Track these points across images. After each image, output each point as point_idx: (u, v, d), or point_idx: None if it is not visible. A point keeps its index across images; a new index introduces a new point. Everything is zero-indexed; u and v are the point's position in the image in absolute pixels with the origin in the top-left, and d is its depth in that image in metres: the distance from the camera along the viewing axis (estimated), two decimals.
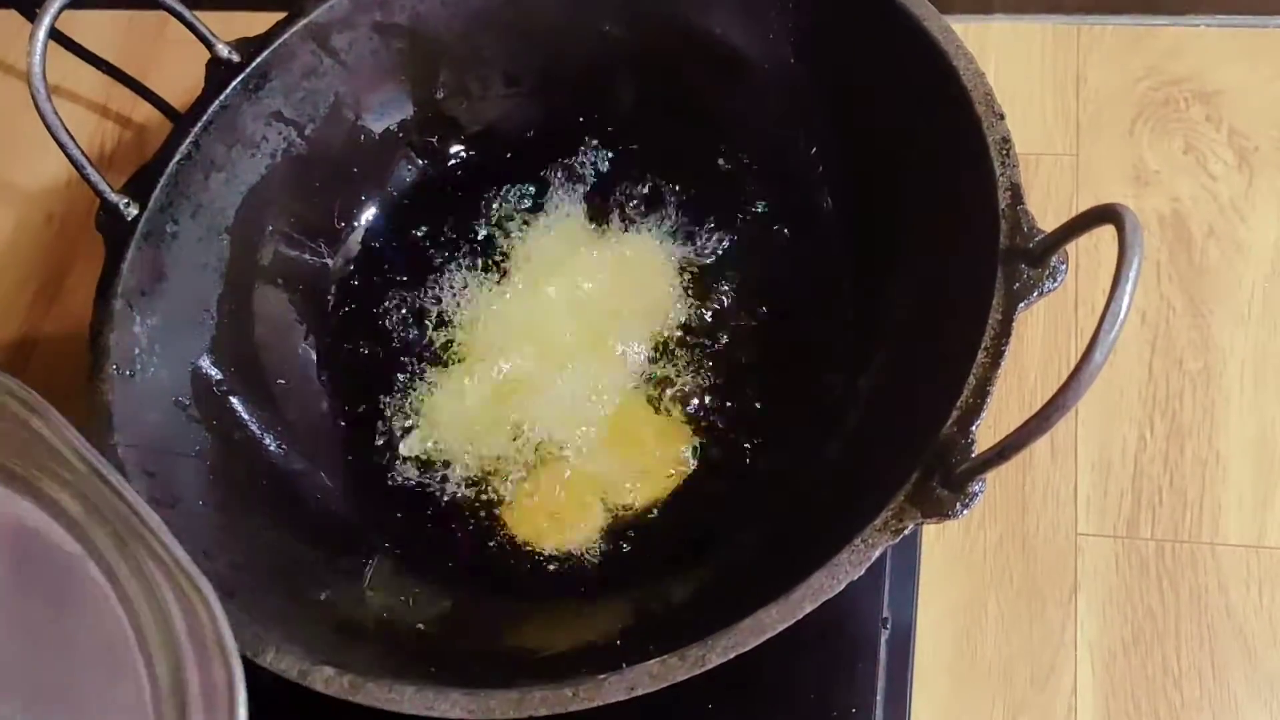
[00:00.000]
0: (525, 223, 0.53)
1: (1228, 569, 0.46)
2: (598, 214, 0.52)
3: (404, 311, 0.52)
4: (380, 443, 0.49)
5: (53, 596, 0.34)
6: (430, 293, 0.52)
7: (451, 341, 0.50)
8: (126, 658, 0.32)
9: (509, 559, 0.45)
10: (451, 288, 0.52)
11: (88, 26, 0.66)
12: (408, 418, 0.49)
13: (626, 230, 0.51)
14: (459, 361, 0.50)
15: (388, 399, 0.50)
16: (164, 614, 0.32)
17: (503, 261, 0.52)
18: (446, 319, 0.51)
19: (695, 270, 0.50)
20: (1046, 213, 0.55)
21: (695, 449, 0.46)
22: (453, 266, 0.52)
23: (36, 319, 0.61)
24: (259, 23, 0.50)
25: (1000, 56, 0.58)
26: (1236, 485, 0.47)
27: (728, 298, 0.49)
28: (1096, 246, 0.53)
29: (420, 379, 0.50)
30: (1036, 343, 0.52)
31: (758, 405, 0.47)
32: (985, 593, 0.47)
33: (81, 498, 0.34)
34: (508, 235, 0.53)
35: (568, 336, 0.49)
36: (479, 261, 0.52)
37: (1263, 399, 0.49)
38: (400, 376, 0.50)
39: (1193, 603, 0.46)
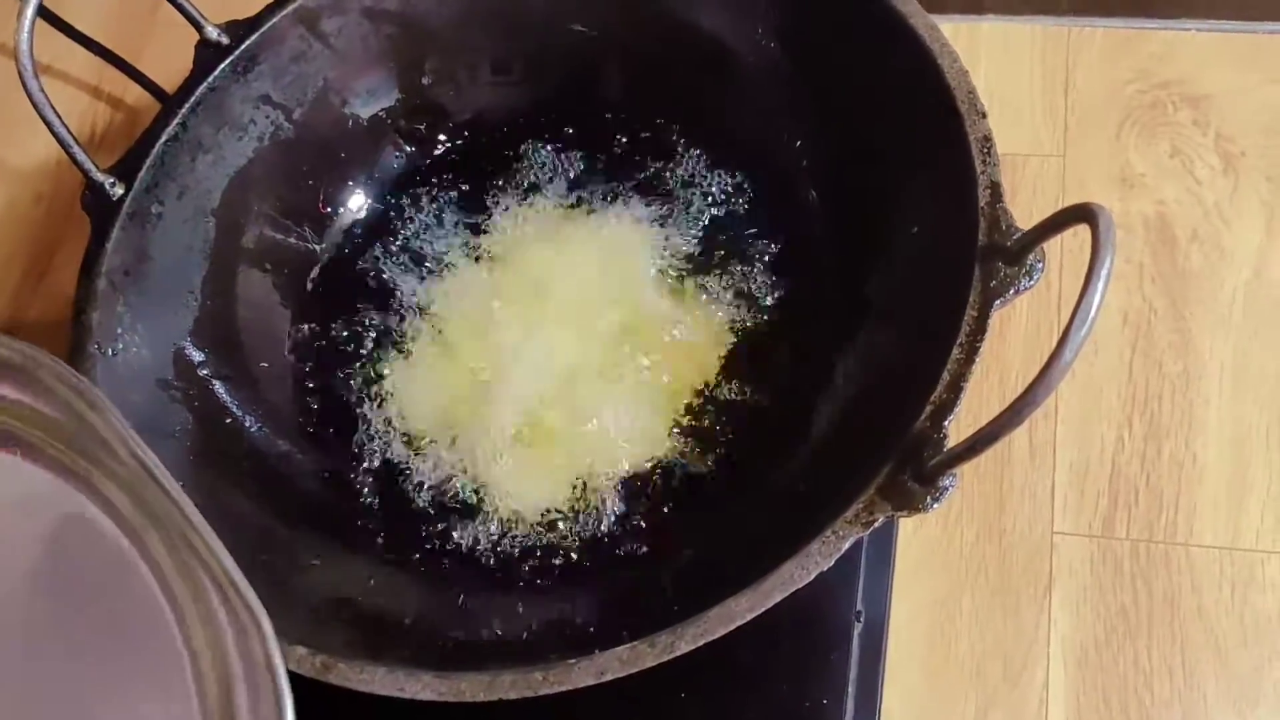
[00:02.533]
0: (510, 210, 0.53)
1: (1201, 570, 0.46)
2: (581, 202, 0.52)
3: (387, 296, 0.52)
4: (361, 426, 0.49)
5: (102, 592, 0.33)
6: (414, 278, 0.52)
7: (434, 326, 0.51)
8: (176, 673, 0.30)
9: (488, 541, 0.45)
10: (435, 273, 0.52)
11: (81, 7, 0.66)
12: (388, 401, 0.49)
13: (609, 219, 0.52)
14: (441, 346, 0.50)
15: (369, 382, 0.50)
16: (215, 629, 0.30)
17: (486, 248, 0.52)
18: (429, 304, 0.51)
19: (676, 260, 0.50)
20: (1032, 213, 0.54)
21: (671, 434, 0.46)
22: (438, 253, 0.52)
23: (24, 297, 0.61)
24: (249, 5, 0.50)
25: (990, 57, 0.58)
26: (1212, 487, 0.48)
27: (707, 287, 0.49)
28: (1081, 247, 0.53)
29: (402, 362, 0.50)
30: (1019, 341, 0.52)
31: (733, 394, 0.47)
32: (960, 588, 0.47)
33: (133, 495, 0.33)
34: (491, 222, 0.53)
35: (549, 321, 0.49)
36: (462, 248, 0.52)
37: (1241, 403, 0.49)
38: (382, 360, 0.50)
39: (1165, 603, 0.46)
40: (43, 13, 0.43)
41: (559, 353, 0.48)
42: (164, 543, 0.32)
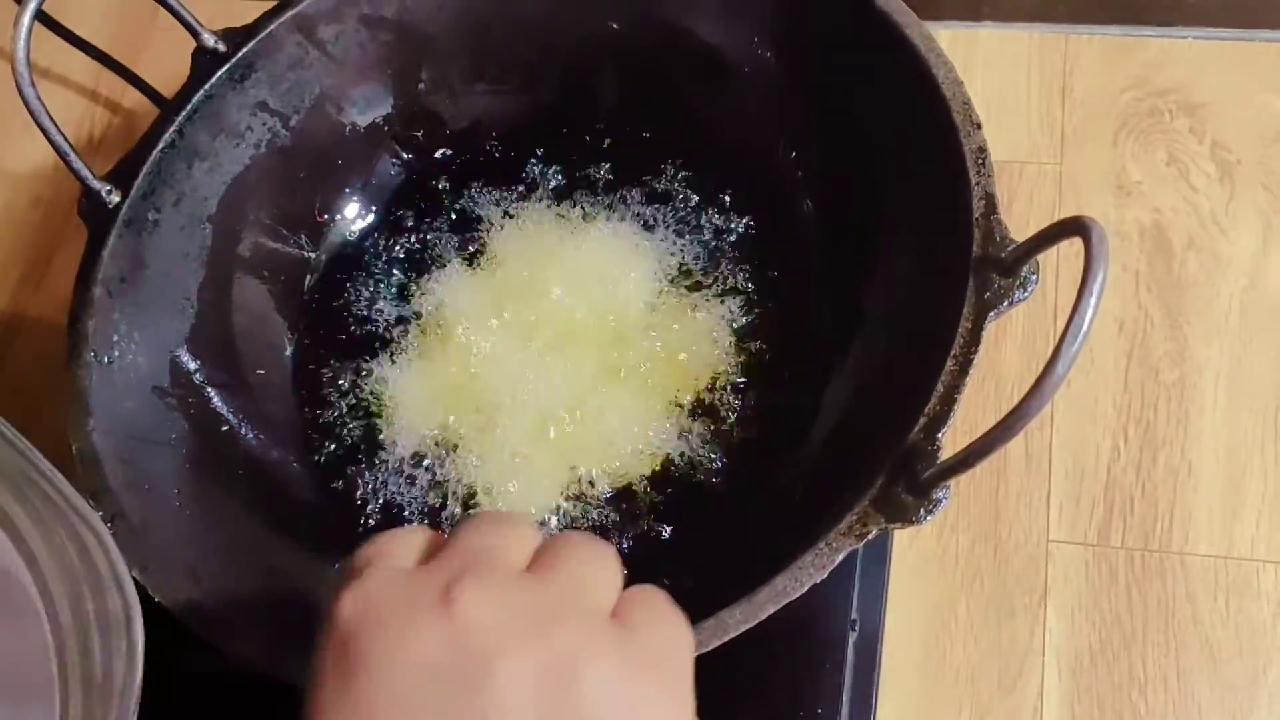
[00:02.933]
0: (506, 217, 0.53)
1: (1196, 579, 0.46)
2: (578, 209, 0.52)
3: (382, 304, 0.52)
4: (357, 433, 0.49)
5: None
6: (410, 286, 0.52)
7: (431, 333, 0.51)
8: (25, 599, 0.31)
9: None
10: (431, 282, 0.52)
11: (79, 11, 0.66)
12: (385, 408, 0.49)
13: (605, 226, 0.52)
14: (438, 353, 0.50)
15: (364, 390, 0.50)
16: (60, 554, 0.32)
17: (482, 256, 0.52)
18: (425, 311, 0.51)
19: (672, 268, 0.50)
20: (1029, 221, 0.55)
21: (666, 443, 0.46)
22: (433, 261, 0.52)
23: (22, 302, 0.61)
24: (247, 12, 0.50)
25: (987, 63, 0.58)
26: (1207, 496, 0.48)
27: (703, 296, 0.49)
28: (1077, 255, 0.52)
29: (399, 370, 0.50)
30: (1015, 350, 0.52)
31: (728, 404, 0.47)
32: (956, 597, 0.47)
33: None
34: (488, 230, 0.53)
35: (546, 328, 0.49)
36: (459, 256, 0.52)
37: (1236, 411, 0.49)
38: (376, 368, 0.50)
39: (1160, 611, 0.46)
40: (41, 17, 0.43)
41: (556, 360, 0.48)
42: (10, 490, 0.33)
